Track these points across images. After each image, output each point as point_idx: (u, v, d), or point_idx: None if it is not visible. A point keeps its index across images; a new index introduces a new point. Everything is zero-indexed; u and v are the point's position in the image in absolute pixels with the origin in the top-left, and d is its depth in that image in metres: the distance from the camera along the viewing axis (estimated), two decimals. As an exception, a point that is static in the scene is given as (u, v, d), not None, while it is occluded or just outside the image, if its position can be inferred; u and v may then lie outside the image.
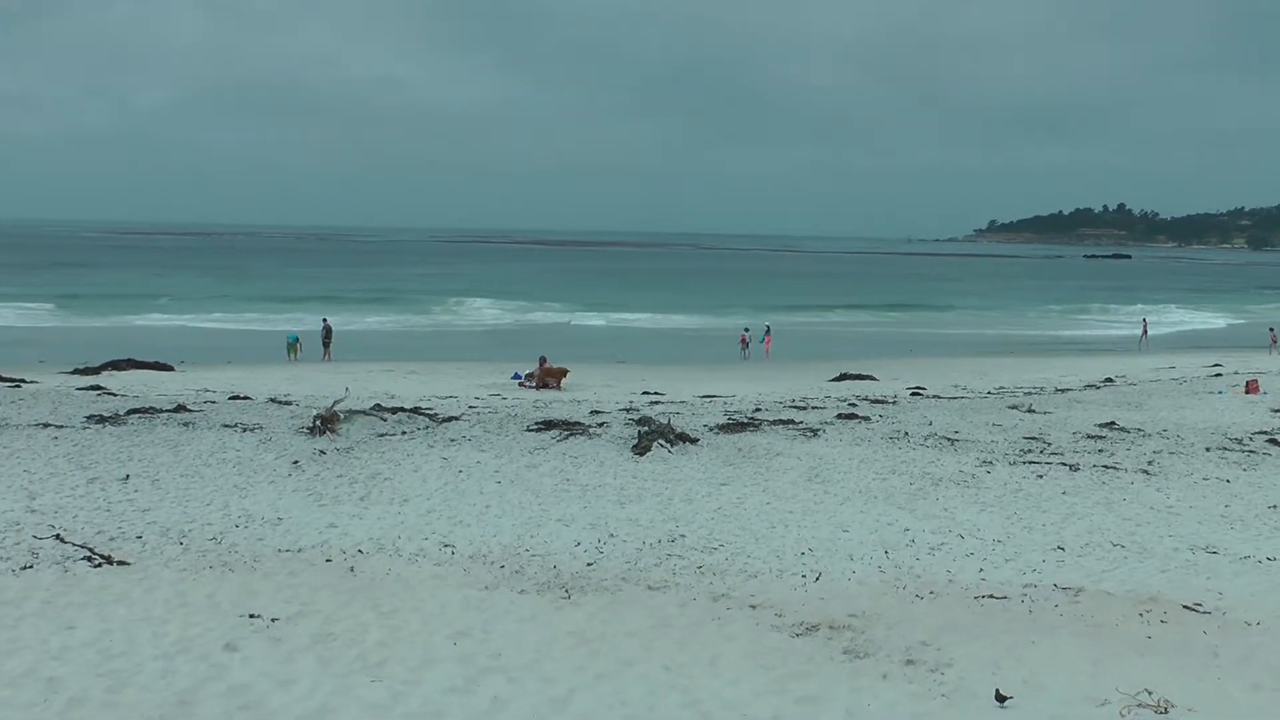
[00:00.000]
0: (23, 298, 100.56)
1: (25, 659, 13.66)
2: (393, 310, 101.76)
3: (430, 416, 29.32)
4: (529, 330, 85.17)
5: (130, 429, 27.00)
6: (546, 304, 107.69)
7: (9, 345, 63.96)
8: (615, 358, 61.73)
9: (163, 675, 13.23)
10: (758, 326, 71.94)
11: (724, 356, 65.53)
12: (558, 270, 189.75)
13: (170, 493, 22.19)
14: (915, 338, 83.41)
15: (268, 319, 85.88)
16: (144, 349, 55.67)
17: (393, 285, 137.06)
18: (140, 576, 17.23)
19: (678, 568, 18.24)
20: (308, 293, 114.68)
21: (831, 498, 22.85)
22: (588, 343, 72.88)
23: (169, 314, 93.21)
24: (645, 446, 25.89)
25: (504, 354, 58.49)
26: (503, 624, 15.25)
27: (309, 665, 13.58)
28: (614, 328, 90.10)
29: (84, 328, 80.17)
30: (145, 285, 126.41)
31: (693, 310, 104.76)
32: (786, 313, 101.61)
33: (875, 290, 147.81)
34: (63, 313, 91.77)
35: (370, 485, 22.89)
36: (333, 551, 18.77)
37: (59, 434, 26.34)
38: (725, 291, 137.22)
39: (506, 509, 21.44)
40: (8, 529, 19.63)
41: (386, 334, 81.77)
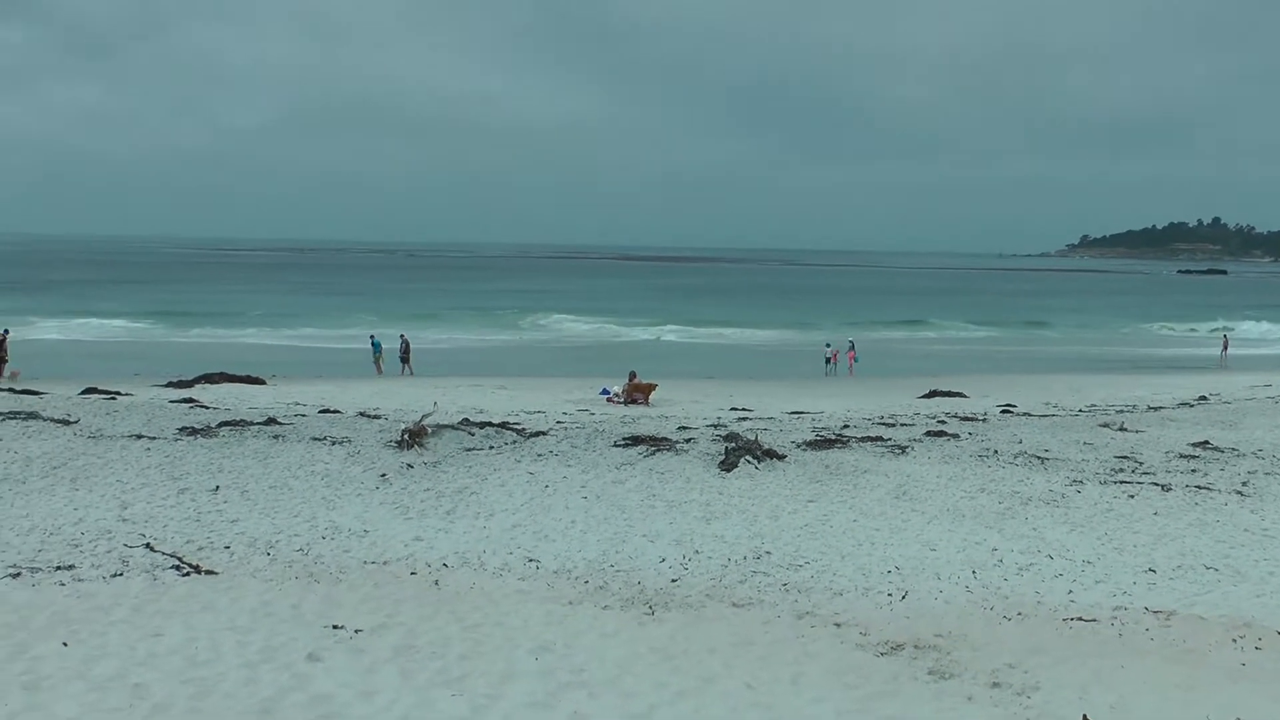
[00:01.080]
0: (119, 313, 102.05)
1: (113, 664, 13.88)
2: (483, 325, 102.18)
3: (518, 431, 29.39)
4: (617, 346, 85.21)
5: (221, 441, 27.29)
6: (635, 319, 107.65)
7: (105, 359, 64.98)
8: (703, 373, 61.65)
9: (246, 683, 13.36)
10: (840, 342, 71.58)
11: (811, 372, 65.30)
12: (646, 286, 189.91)
13: (259, 504, 22.41)
14: (1006, 354, 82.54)
15: (357, 334, 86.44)
16: (236, 363, 56.34)
17: (483, 301, 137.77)
18: (227, 586, 17.43)
19: (763, 585, 18.17)
20: (398, 308, 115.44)
21: (919, 516, 22.67)
22: (676, 358, 72.86)
23: (261, 328, 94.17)
24: (732, 463, 25.81)
25: (592, 369, 58.53)
26: (585, 639, 15.25)
27: (391, 677, 13.65)
28: (702, 343, 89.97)
29: (178, 342, 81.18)
30: (238, 300, 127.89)
31: (780, 325, 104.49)
32: (876, 328, 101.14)
33: (966, 306, 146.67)
34: (157, 327, 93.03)
35: (456, 499, 22.98)
36: (418, 564, 18.88)
37: (151, 445, 26.67)
38: (812, 307, 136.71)
39: (592, 524, 21.45)
40: (99, 537, 19.98)
41: (476, 349, 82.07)
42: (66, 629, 15.22)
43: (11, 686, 13.09)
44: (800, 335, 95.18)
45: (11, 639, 14.78)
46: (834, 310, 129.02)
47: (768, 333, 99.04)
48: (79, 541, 19.78)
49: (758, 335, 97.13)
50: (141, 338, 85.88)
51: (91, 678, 13.44)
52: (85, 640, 14.78)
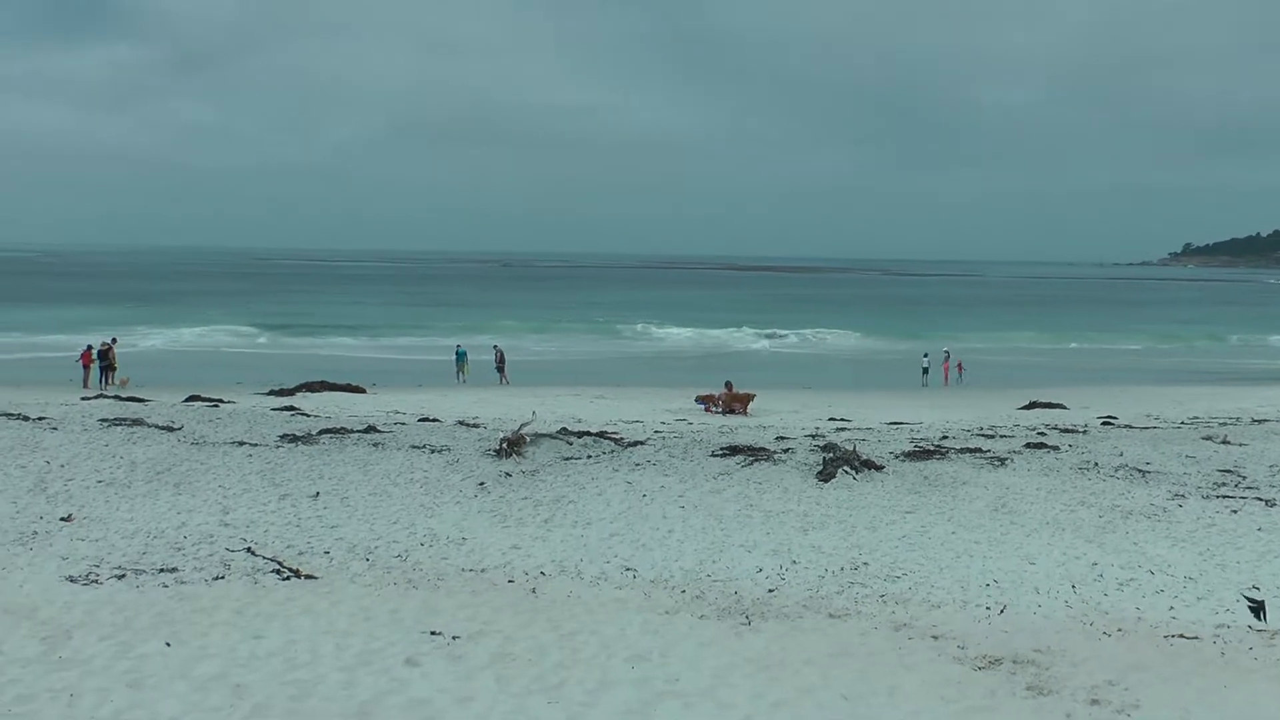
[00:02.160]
0: (222, 321, 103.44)
1: (215, 665, 14.12)
2: (584, 335, 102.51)
3: (615, 441, 29.43)
4: (718, 355, 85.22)
5: (321, 448, 27.55)
6: (736, 329, 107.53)
7: (209, 367, 66.01)
8: (802, 383, 61.48)
9: (345, 687, 13.51)
10: (937, 352, 71.10)
11: (909, 382, 64.94)
12: (748, 296, 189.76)
13: (358, 510, 22.61)
14: (1107, 365, 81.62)
15: (456, 344, 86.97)
16: (336, 371, 56.98)
17: (585, 311, 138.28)
18: (326, 590, 17.63)
19: (860, 596, 18.06)
20: (498, 319, 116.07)
21: (1018, 529, 22.41)
22: (775, 368, 72.78)
23: (361, 338, 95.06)
24: (830, 473, 25.70)
25: (692, 379, 58.57)
26: (681, 648, 15.24)
27: (487, 684, 13.72)
28: (802, 353, 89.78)
29: (280, 352, 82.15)
30: (340, 310, 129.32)
31: (879, 335, 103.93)
32: (975, 338, 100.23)
33: (1067, 316, 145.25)
34: (260, 337, 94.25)
35: (554, 508, 23.04)
36: (515, 572, 18.95)
37: (253, 452, 26.98)
38: (912, 317, 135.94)
39: (689, 534, 21.42)
40: (202, 541, 20.28)
41: (575, 358, 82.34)
42: (169, 629, 15.48)
43: (117, 684, 13.37)
44: (899, 345, 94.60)
45: (117, 638, 15.09)
46: (933, 320, 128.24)
47: (867, 342, 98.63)
48: (182, 545, 20.08)
49: (857, 345, 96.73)
50: (244, 347, 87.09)
51: (193, 677, 13.67)
52: (187, 641, 15.02)
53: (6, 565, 18.73)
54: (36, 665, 14.04)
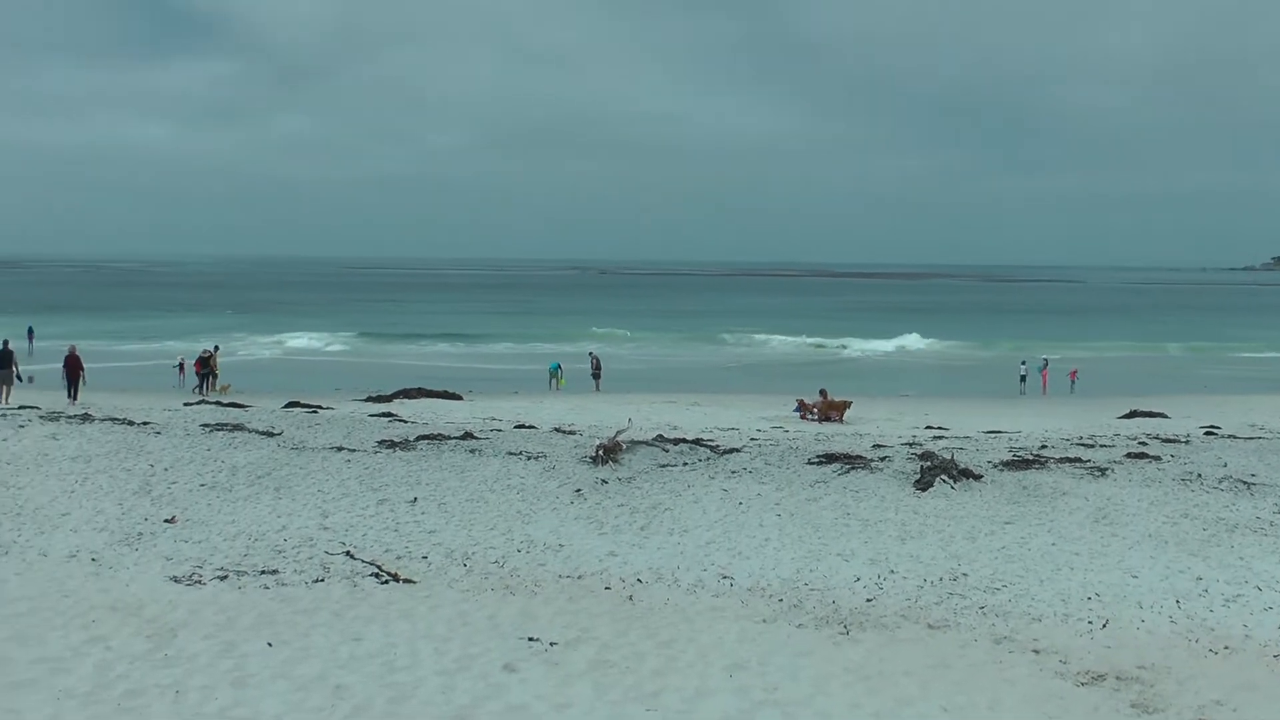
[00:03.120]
0: (321, 329, 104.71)
1: (315, 666, 14.30)
2: (677, 342, 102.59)
3: (711, 448, 29.38)
4: (813, 362, 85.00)
5: (419, 454, 27.72)
6: (829, 336, 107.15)
7: (308, 374, 66.76)
8: (898, 390, 61.19)
9: (443, 691, 13.60)
10: (1035, 359, 70.47)
11: (1007, 390, 64.44)
12: (839, 302, 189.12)
13: (456, 516, 22.73)
14: (1210, 373, 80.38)
15: (551, 351, 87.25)
16: (433, 378, 57.44)
17: (677, 318, 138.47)
18: (425, 595, 17.77)
19: (959, 607, 17.92)
20: (591, 326, 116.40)
21: (1119, 541, 22.10)
22: (871, 375, 72.48)
23: (457, 345, 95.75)
24: (928, 482, 25.52)
25: (787, 386, 58.36)
26: (779, 657, 15.19)
27: (585, 691, 13.75)
28: (898, 360, 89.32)
29: (377, 359, 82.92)
30: (436, 318, 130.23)
31: (975, 341, 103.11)
32: (1073, 346, 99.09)
33: (1167, 323, 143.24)
34: (358, 344, 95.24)
35: (651, 515, 23.05)
36: (612, 579, 18.98)
37: (352, 457, 27.20)
38: (1009, 323, 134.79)
39: (786, 542, 21.33)
40: (302, 544, 20.53)
41: (670, 365, 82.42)
42: (271, 630, 15.68)
43: (221, 683, 13.57)
44: (995, 352, 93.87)
45: (220, 637, 15.32)
46: (1030, 326, 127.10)
47: (962, 349, 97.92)
48: (282, 548, 20.32)
49: (952, 352, 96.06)
50: (342, 354, 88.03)
51: (295, 677, 13.84)
52: (289, 642, 15.21)
53: (114, 565, 19.09)
54: (144, 662, 14.30)
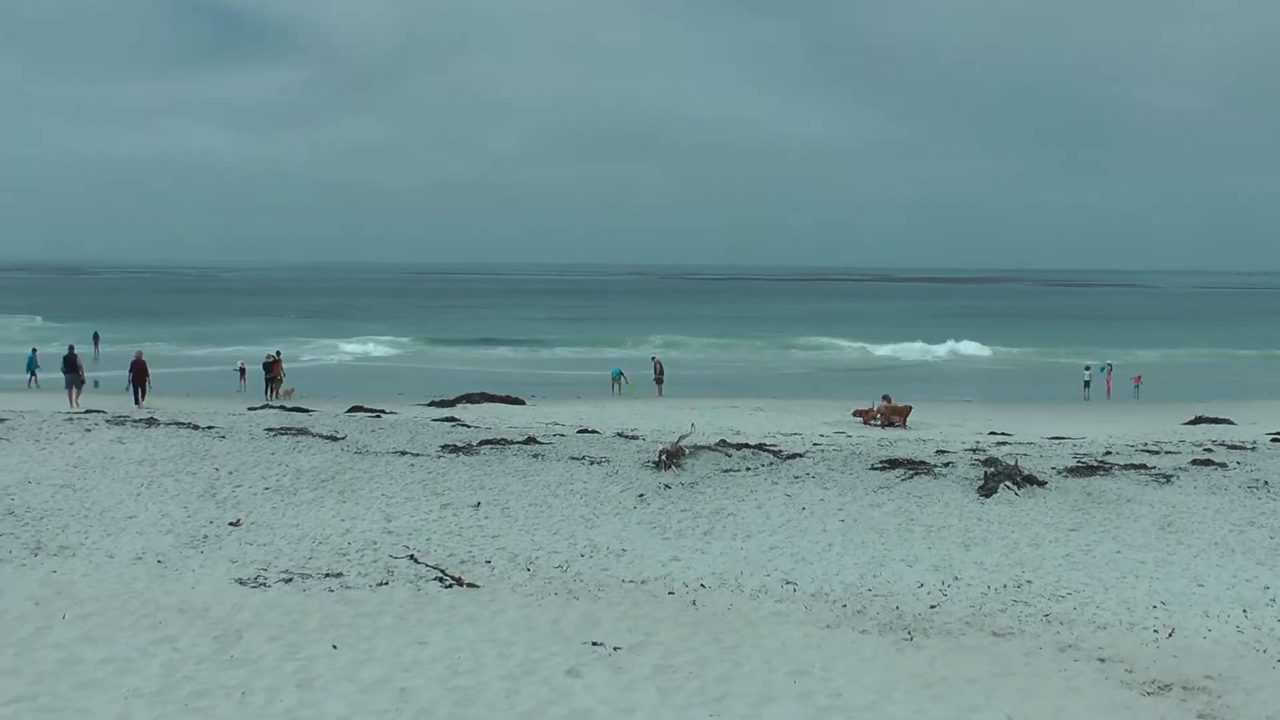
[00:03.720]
0: (385, 334, 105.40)
1: (379, 669, 14.37)
2: (740, 347, 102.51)
3: (774, 453, 29.31)
4: (874, 368, 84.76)
5: (482, 459, 27.78)
6: (893, 341, 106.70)
7: (371, 379, 67.26)
8: (962, 396, 60.92)
9: (507, 695, 13.62)
10: (1099, 365, 69.98)
11: (1070, 395, 64.06)
12: (903, 308, 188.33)
13: (519, 521, 22.78)
14: (1277, 379, 79.46)
15: (614, 356, 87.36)
16: (496, 383, 57.64)
17: (741, 323, 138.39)
18: (488, 599, 17.81)
19: (1023, 614, 17.80)
20: (655, 330, 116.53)
21: (1185, 549, 21.89)
22: (933, 380, 72.23)
23: (520, 350, 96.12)
24: (991, 488, 25.38)
25: (849, 392, 58.26)
26: (843, 663, 15.15)
27: (649, 696, 13.75)
28: (960, 365, 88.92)
29: (440, 366, 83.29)
30: (499, 323, 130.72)
31: (1039, 347, 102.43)
32: (1141, 351, 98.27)
33: (1236, 328, 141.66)
34: (421, 349, 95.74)
35: (714, 520, 23.02)
36: (675, 584, 18.98)
37: (415, 461, 27.29)
38: (1071, 329, 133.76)
39: (849, 547, 21.27)
40: (366, 547, 20.63)
41: (733, 370, 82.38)
42: (336, 633, 15.77)
43: (287, 684, 13.67)
44: (1060, 358, 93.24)
45: (285, 639, 15.42)
46: (1096, 332, 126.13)
47: (1026, 355, 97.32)
48: (346, 551, 20.43)
49: (1016, 357, 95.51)
50: (405, 359, 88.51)
51: (359, 680, 13.92)
52: (353, 644, 15.29)
53: (179, 567, 19.25)
54: (210, 663, 14.41)
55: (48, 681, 13.60)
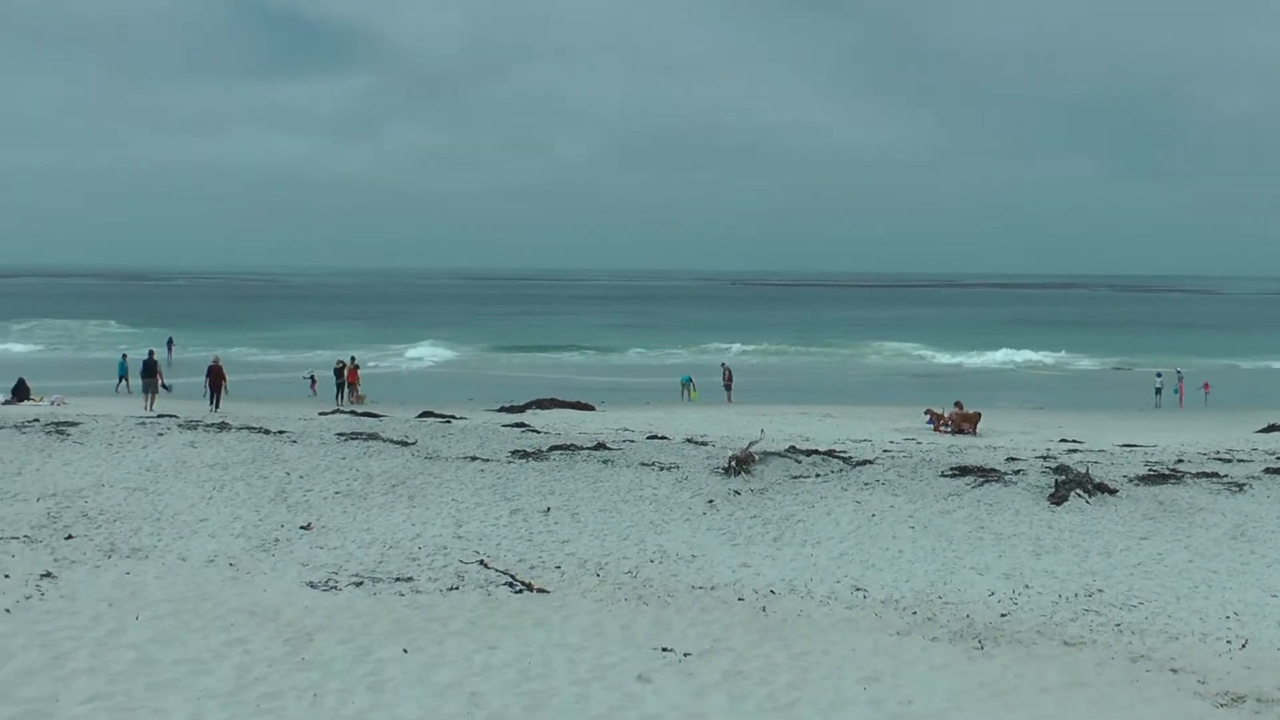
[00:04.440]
0: (454, 340, 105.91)
1: (450, 673, 14.42)
2: (808, 352, 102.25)
3: (844, 459, 29.22)
4: (944, 374, 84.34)
5: (552, 464, 27.86)
6: (962, 348, 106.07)
7: (441, 384, 67.75)
8: (1032, 403, 60.54)
9: (578, 700, 13.64)
10: (1170, 373, 69.29)
11: (1142, 403, 63.50)
12: (971, 314, 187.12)
13: (589, 526, 22.84)
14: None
15: (682, 363, 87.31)
16: (565, 389, 57.77)
17: (810, 328, 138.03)
18: (558, 604, 17.86)
19: (1094, 624, 17.66)
20: (722, 337, 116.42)
21: (1258, 559, 21.62)
22: (1003, 387, 71.79)
23: (589, 356, 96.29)
24: (1062, 496, 25.20)
25: (919, 398, 57.96)
26: (914, 671, 15.08)
27: (720, 701, 13.73)
28: (1030, 373, 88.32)
29: (510, 372, 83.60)
30: (568, 329, 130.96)
31: (1108, 354, 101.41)
32: (1208, 358, 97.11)
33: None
34: (491, 355, 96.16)
35: (783, 526, 22.99)
36: (745, 590, 18.97)
37: (485, 467, 27.39)
38: (1141, 336, 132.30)
39: (919, 555, 21.18)
40: (436, 552, 20.76)
41: (802, 375, 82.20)
42: (406, 637, 15.85)
43: (358, 686, 13.75)
44: (1130, 365, 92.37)
45: (356, 642, 15.51)
46: (1165, 338, 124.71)
47: (1096, 362, 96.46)
48: (417, 556, 20.55)
49: (1086, 364, 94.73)
50: (475, 364, 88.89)
51: (431, 683, 13.98)
52: (424, 648, 15.36)
53: (251, 570, 19.41)
54: (282, 665, 14.52)
55: (123, 681, 13.74)
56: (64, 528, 21.92)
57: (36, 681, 13.61)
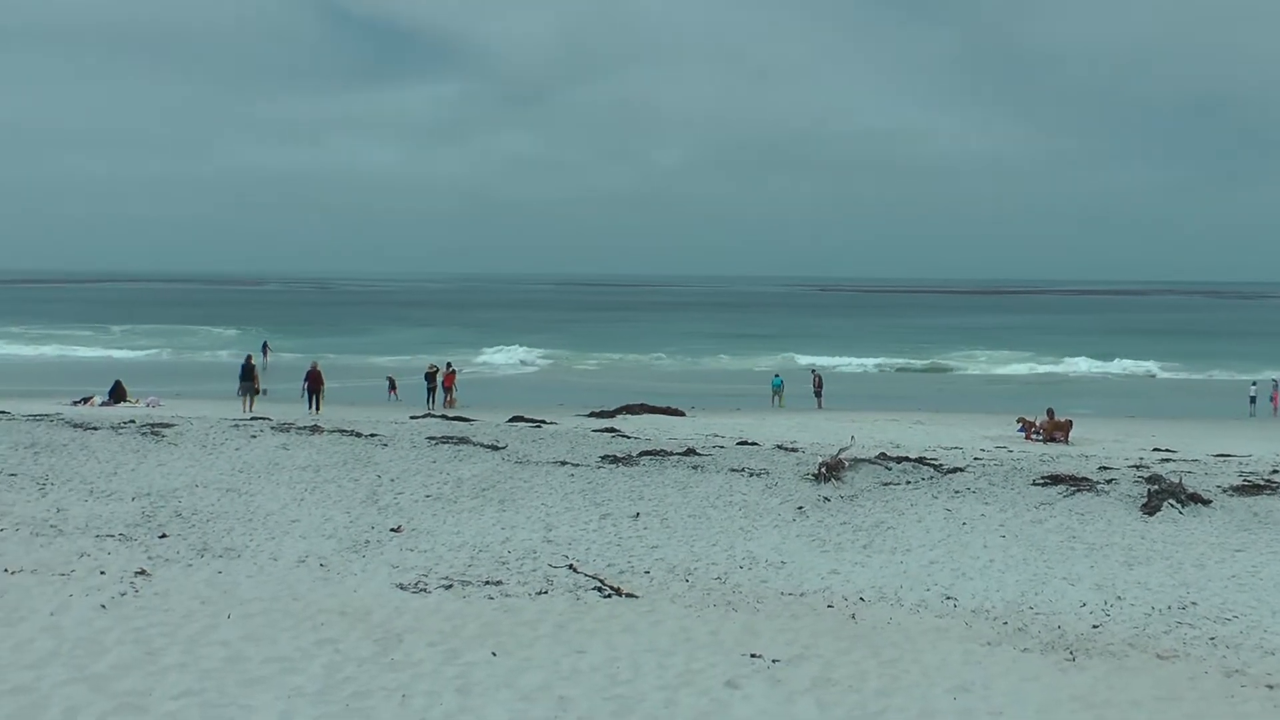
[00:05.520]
0: (546, 345, 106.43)
1: (539, 676, 14.45)
2: (900, 359, 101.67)
3: (935, 467, 29.09)
4: (1035, 382, 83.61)
5: (641, 469, 27.90)
6: (1054, 355, 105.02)
7: (532, 389, 68.06)
8: (1125, 412, 59.91)
9: (666, 705, 13.62)
10: (1265, 382, 68.29)
11: (1236, 412, 62.64)
12: (1064, 321, 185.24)
13: (678, 532, 22.85)
14: None
15: (775, 365, 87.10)
16: (654, 395, 57.86)
17: (900, 335, 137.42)
18: (647, 609, 17.85)
19: (1188, 637, 17.41)
20: (811, 345, 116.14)
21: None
22: (1095, 395, 71.10)
23: (678, 360, 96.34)
24: (1155, 506, 24.95)
25: (1009, 406, 57.46)
26: (1004, 682, 14.94)
27: (808, 709, 13.67)
28: (1123, 381, 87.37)
29: (599, 378, 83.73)
30: (659, 336, 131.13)
31: (1203, 362, 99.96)
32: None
33: None
34: (582, 360, 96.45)
35: (873, 534, 22.90)
36: (835, 597, 18.89)
37: (575, 472, 27.49)
38: (1237, 344, 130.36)
39: (1010, 564, 21.02)
40: (525, 556, 20.83)
41: (893, 382, 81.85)
42: (495, 640, 15.91)
43: (447, 689, 13.82)
44: (1225, 373, 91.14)
45: (445, 645, 15.59)
46: (1260, 347, 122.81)
47: (1190, 370, 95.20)
48: (506, 559, 20.63)
49: (1179, 373, 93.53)
50: (563, 370, 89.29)
51: (518, 687, 14.01)
52: (512, 652, 15.40)
53: (341, 571, 19.57)
54: (371, 665, 14.63)
55: (214, 678, 13.91)
56: (158, 526, 22.24)
57: (131, 676, 13.84)
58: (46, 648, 14.89)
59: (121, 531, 21.75)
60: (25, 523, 22.34)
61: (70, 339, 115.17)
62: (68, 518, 22.85)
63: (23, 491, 24.91)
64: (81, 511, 23.37)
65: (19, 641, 15.11)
